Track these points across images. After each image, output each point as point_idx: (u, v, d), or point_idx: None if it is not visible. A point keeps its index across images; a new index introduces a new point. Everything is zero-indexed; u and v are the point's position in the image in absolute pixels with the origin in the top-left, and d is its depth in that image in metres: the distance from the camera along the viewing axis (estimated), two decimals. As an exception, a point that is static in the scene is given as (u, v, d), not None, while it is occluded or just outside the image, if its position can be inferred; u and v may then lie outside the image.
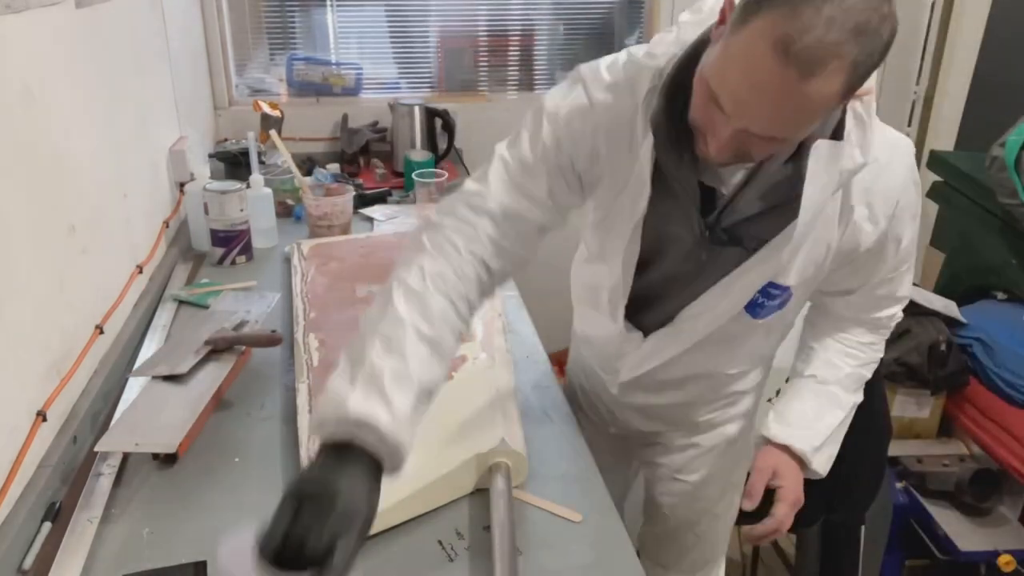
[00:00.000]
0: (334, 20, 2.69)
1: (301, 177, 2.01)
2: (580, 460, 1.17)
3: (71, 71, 1.30)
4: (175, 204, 1.94)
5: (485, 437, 1.09)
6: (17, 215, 1.05)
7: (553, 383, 1.39)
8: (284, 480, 1.10)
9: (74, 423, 1.16)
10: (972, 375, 1.83)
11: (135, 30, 1.71)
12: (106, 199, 1.44)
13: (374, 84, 2.76)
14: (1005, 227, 2.10)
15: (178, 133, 2.03)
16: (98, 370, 1.31)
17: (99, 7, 1.44)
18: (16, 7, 1.07)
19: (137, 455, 1.13)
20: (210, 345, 1.32)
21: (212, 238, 1.80)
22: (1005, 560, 1.78)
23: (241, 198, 1.78)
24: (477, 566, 0.96)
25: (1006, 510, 1.92)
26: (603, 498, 1.09)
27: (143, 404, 1.19)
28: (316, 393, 1.22)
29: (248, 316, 1.47)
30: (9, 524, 0.96)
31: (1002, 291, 2.16)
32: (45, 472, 1.05)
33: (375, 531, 0.98)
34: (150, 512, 1.04)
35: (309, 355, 1.33)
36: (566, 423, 1.27)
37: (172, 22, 2.02)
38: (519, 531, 0.99)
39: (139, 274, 1.59)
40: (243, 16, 2.61)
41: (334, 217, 1.93)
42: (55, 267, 1.18)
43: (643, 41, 1.18)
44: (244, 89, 2.68)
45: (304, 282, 1.61)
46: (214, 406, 1.25)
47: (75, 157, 1.29)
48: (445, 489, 1.05)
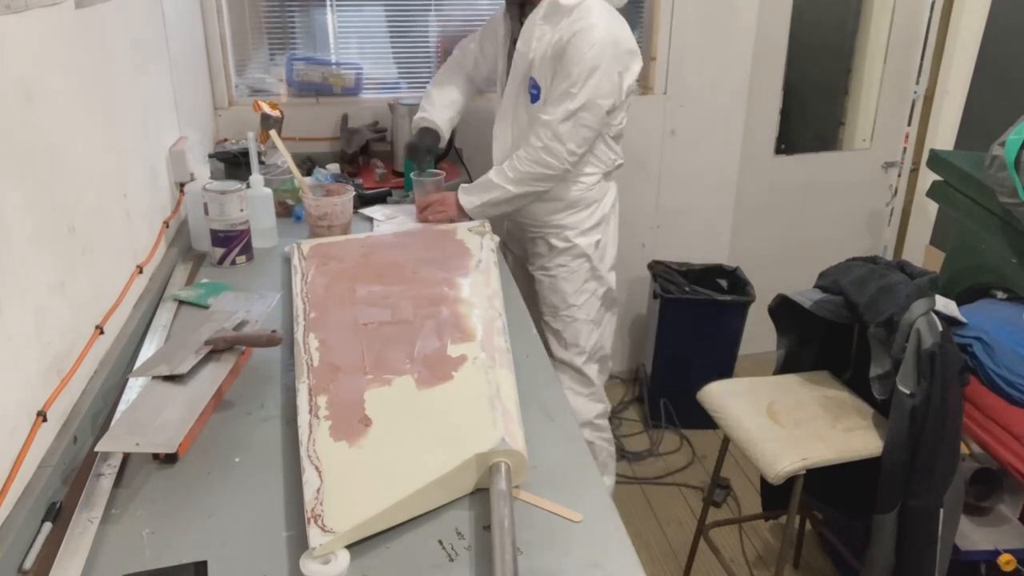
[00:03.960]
0: (334, 20, 2.69)
1: (301, 177, 2.01)
2: (580, 460, 1.18)
3: (71, 71, 1.30)
4: (175, 204, 1.94)
5: (485, 437, 1.09)
6: (17, 215, 1.05)
7: (553, 383, 1.39)
8: (284, 480, 1.10)
9: (74, 423, 1.16)
10: (972, 374, 1.83)
11: (135, 30, 1.71)
12: (106, 199, 1.44)
13: (374, 84, 2.76)
14: (1005, 227, 2.10)
15: (178, 133, 2.03)
16: (98, 370, 1.31)
17: (99, 7, 1.44)
18: (16, 7, 1.07)
19: (137, 455, 1.13)
20: (210, 345, 1.32)
21: (212, 238, 1.80)
22: (1005, 559, 1.79)
23: (241, 198, 1.78)
24: (477, 566, 0.96)
25: (1006, 509, 1.92)
26: (603, 498, 1.09)
27: (143, 404, 1.19)
28: (316, 393, 1.22)
29: (248, 316, 1.47)
30: (9, 524, 0.96)
31: (1002, 291, 2.16)
32: (45, 472, 1.06)
33: (375, 531, 0.98)
34: (150, 512, 1.04)
35: (309, 355, 1.33)
36: (566, 423, 1.27)
37: (172, 22, 2.02)
38: (519, 531, 0.99)
39: (139, 274, 1.59)
40: (243, 16, 2.61)
41: (334, 217, 1.93)
42: (55, 267, 1.18)
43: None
44: (244, 89, 2.68)
45: (304, 282, 1.61)
46: (214, 406, 1.25)
47: (75, 157, 1.29)
48: (445, 489, 1.05)
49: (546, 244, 2.15)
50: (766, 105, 3.11)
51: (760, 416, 1.86)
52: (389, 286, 1.58)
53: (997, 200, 2.05)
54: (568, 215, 2.10)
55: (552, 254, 2.15)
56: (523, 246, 2.27)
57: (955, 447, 1.70)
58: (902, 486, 1.70)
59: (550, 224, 2.12)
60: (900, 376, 1.67)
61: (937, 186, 2.43)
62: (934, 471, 1.67)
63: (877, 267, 1.86)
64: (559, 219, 2.11)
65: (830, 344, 2.06)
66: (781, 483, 1.71)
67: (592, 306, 2.19)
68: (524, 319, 1.62)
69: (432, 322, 1.43)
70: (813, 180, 3.29)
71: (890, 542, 1.74)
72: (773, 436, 1.79)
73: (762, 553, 2.41)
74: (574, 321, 2.18)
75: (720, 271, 3.05)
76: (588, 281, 2.16)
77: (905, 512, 1.72)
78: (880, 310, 1.71)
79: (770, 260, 3.27)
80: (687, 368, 2.86)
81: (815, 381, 2.01)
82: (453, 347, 1.34)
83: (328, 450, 1.09)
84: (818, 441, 1.76)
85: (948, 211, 2.49)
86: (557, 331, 2.20)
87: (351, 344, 1.36)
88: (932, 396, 1.63)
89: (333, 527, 0.95)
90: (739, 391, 1.97)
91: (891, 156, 3.35)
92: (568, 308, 2.17)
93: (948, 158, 2.37)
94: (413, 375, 1.27)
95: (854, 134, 3.36)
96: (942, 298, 1.80)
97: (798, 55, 3.07)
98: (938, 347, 1.62)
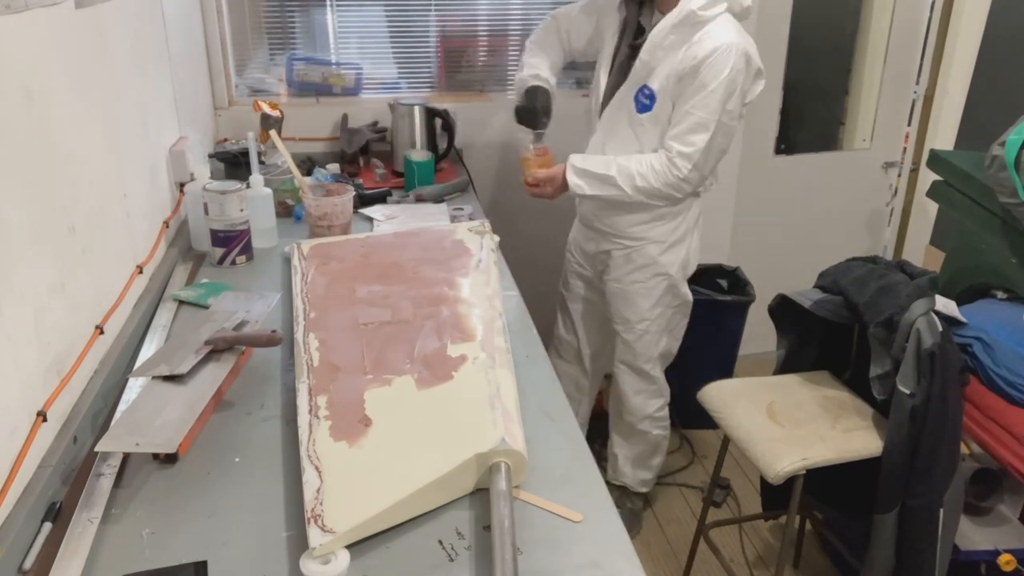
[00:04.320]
0: (334, 20, 2.69)
1: (301, 177, 2.01)
2: (580, 460, 1.18)
3: (71, 71, 1.30)
4: (175, 204, 1.94)
5: (485, 437, 1.09)
6: (17, 215, 1.05)
7: (553, 382, 1.39)
8: (284, 480, 1.10)
9: (74, 423, 1.16)
10: (972, 374, 1.83)
11: (135, 30, 1.71)
12: (106, 199, 1.44)
13: (374, 84, 2.76)
14: (1005, 227, 2.10)
15: (178, 133, 2.03)
16: (98, 370, 1.31)
17: (99, 7, 1.44)
18: (16, 7, 1.07)
19: (137, 455, 1.13)
20: (210, 345, 1.32)
21: (212, 238, 1.80)
22: (1005, 559, 1.79)
23: (241, 198, 1.78)
24: (477, 566, 0.96)
25: (1006, 509, 1.92)
26: (603, 498, 1.09)
27: (143, 404, 1.19)
28: (316, 393, 1.22)
29: (248, 316, 1.47)
30: (9, 524, 0.96)
31: (1002, 291, 2.16)
32: (45, 472, 1.06)
33: (375, 531, 0.98)
34: (150, 512, 1.04)
35: (309, 355, 1.33)
36: (566, 423, 1.27)
37: (172, 22, 2.02)
38: (519, 531, 0.99)
39: (139, 274, 1.59)
40: (243, 16, 2.61)
41: (334, 217, 1.93)
42: (55, 267, 1.18)
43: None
44: (244, 89, 2.68)
45: (304, 282, 1.61)
46: (214, 406, 1.25)
47: (75, 157, 1.29)
48: (445, 489, 1.05)
49: (624, 256, 2.08)
50: (766, 105, 3.11)
51: (760, 416, 1.86)
52: (389, 286, 1.58)
53: (997, 200, 2.05)
54: (652, 227, 2.04)
55: (629, 267, 2.08)
56: (592, 254, 2.20)
57: (955, 447, 1.70)
58: (902, 486, 1.70)
59: (631, 236, 2.06)
60: (900, 376, 1.68)
61: (937, 186, 2.43)
62: (934, 471, 1.68)
63: (877, 267, 1.86)
64: (641, 231, 2.04)
65: (830, 344, 2.06)
66: (781, 483, 1.71)
67: (666, 316, 2.14)
68: (524, 319, 1.62)
69: (432, 322, 1.43)
70: (813, 180, 3.29)
71: (890, 542, 1.75)
72: (773, 436, 1.79)
73: (762, 553, 2.40)
74: (646, 334, 2.14)
75: (720, 271, 3.05)
76: (664, 295, 2.11)
77: (905, 512, 1.72)
78: (880, 310, 1.71)
79: (770, 260, 3.27)
80: (687, 368, 2.85)
81: (815, 381, 2.01)
82: (453, 347, 1.34)
83: (328, 450, 1.09)
84: (818, 441, 1.76)
85: (948, 211, 2.49)
86: (628, 342, 2.16)
87: (351, 344, 1.36)
88: (932, 396, 1.63)
89: (333, 527, 0.95)
90: (739, 391, 1.97)
91: (891, 156, 3.35)
92: (642, 322, 2.12)
93: (948, 158, 2.37)
94: (413, 375, 1.27)
95: (854, 134, 3.36)
96: (942, 298, 1.80)
97: (798, 55, 3.07)
98: (938, 347, 1.62)
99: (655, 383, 2.25)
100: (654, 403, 2.29)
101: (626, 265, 2.09)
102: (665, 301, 2.12)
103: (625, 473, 2.41)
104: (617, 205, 2.01)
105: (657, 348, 2.19)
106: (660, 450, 2.40)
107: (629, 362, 2.21)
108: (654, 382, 2.25)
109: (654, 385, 2.26)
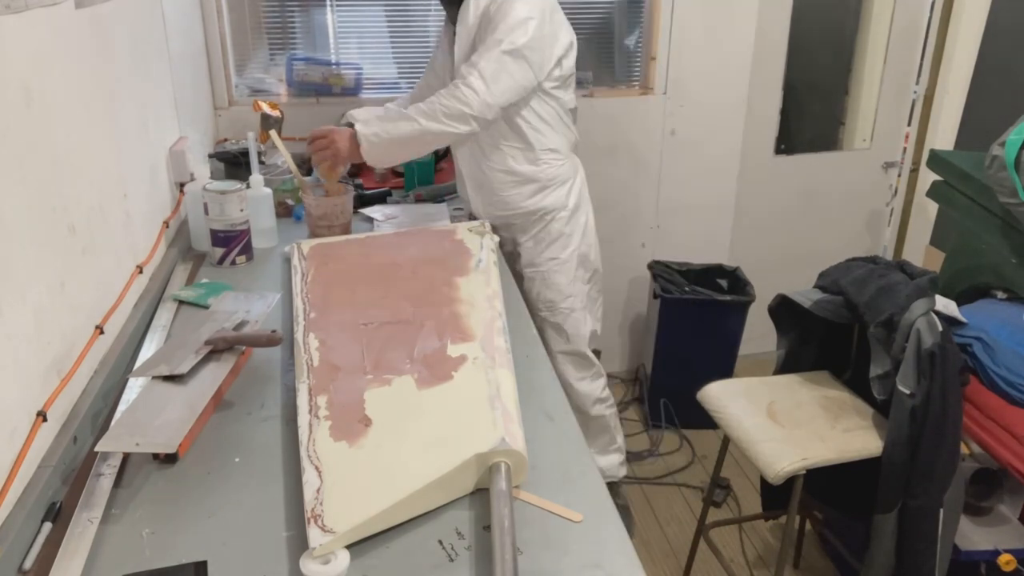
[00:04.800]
0: (334, 20, 2.69)
1: (301, 177, 2.01)
2: (580, 460, 1.18)
3: (71, 71, 1.30)
4: (175, 204, 1.94)
5: (485, 437, 1.09)
6: (17, 215, 1.05)
7: (553, 383, 1.39)
8: (284, 480, 1.10)
9: (74, 423, 1.16)
10: (972, 374, 1.83)
11: (135, 30, 1.71)
12: (106, 199, 1.44)
13: (374, 84, 2.76)
14: (1005, 227, 2.10)
15: (178, 133, 2.03)
16: (98, 370, 1.31)
17: (99, 7, 1.44)
18: (16, 7, 1.07)
19: (137, 455, 1.13)
20: (210, 345, 1.32)
21: (212, 238, 1.80)
22: (1005, 559, 1.79)
23: (241, 198, 1.78)
24: (477, 566, 0.96)
25: (1006, 509, 1.92)
26: (603, 498, 1.09)
27: (143, 404, 1.19)
28: (316, 393, 1.22)
29: (248, 316, 1.47)
30: (9, 524, 0.96)
31: (1002, 291, 2.16)
32: (45, 472, 1.06)
33: (375, 531, 0.98)
34: (150, 512, 1.04)
35: (309, 355, 1.33)
36: (566, 423, 1.27)
37: (172, 22, 2.02)
38: (519, 531, 0.99)
39: (139, 274, 1.59)
40: (243, 16, 2.61)
41: (334, 217, 1.93)
42: (55, 267, 1.18)
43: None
44: (244, 89, 2.68)
45: (304, 282, 1.61)
46: (214, 406, 1.25)
47: (75, 157, 1.29)
48: (445, 489, 1.05)
49: (532, 239, 2.14)
50: (766, 105, 3.11)
51: (760, 416, 1.86)
52: (389, 286, 1.58)
53: (997, 200, 2.05)
54: (546, 195, 2.08)
55: (540, 248, 2.14)
56: (507, 253, 2.26)
57: (955, 447, 1.70)
58: (902, 486, 1.70)
59: (530, 210, 2.09)
60: (900, 376, 1.68)
61: (937, 186, 2.43)
62: (934, 471, 1.68)
63: (877, 267, 1.86)
64: (537, 201, 2.08)
65: (830, 344, 2.06)
66: (781, 483, 1.71)
67: (583, 292, 2.21)
68: (524, 319, 1.62)
69: (432, 322, 1.43)
70: (813, 180, 3.29)
71: (890, 542, 1.75)
72: (773, 436, 1.79)
73: (762, 553, 2.41)
74: (572, 312, 2.19)
75: (720, 271, 3.05)
76: (578, 268, 2.17)
77: (905, 512, 1.72)
78: (880, 310, 1.71)
79: (770, 260, 3.27)
80: (687, 368, 2.85)
81: (815, 381, 2.01)
82: (453, 347, 1.34)
83: (328, 450, 1.09)
84: (818, 441, 1.76)
85: (948, 211, 2.49)
86: (557, 324, 2.20)
87: (351, 344, 1.36)
88: (932, 396, 1.63)
89: (333, 527, 0.95)
90: (739, 391, 1.97)
91: (891, 156, 3.35)
92: (565, 300, 2.18)
93: (948, 158, 2.37)
94: (413, 375, 1.27)
95: (854, 134, 3.36)
96: (942, 298, 1.80)
97: (798, 55, 3.07)
98: (938, 347, 1.62)
99: (593, 364, 2.30)
100: (598, 384, 2.32)
101: (536, 247, 2.14)
102: (579, 275, 2.18)
103: (600, 468, 2.41)
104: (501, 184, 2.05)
105: (586, 327, 2.22)
106: (617, 428, 2.43)
107: (565, 350, 2.23)
108: (592, 364, 2.29)
109: (594, 367, 2.30)
